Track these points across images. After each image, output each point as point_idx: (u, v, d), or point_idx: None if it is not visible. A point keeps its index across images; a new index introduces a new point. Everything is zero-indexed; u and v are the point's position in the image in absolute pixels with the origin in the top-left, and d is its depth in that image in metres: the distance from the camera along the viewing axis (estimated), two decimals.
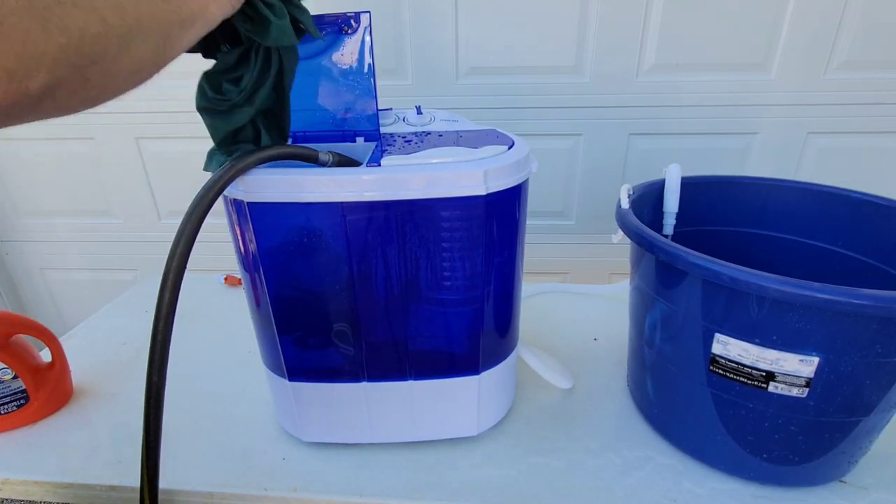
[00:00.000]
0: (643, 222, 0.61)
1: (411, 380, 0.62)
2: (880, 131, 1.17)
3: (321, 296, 0.56)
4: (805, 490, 0.60)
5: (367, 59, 0.57)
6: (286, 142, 0.55)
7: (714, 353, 0.55)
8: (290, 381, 0.62)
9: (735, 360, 0.54)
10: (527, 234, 0.63)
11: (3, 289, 1.56)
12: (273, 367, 0.63)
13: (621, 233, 0.65)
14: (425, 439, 0.67)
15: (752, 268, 0.48)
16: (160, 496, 0.50)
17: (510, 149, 0.56)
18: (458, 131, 0.63)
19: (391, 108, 0.68)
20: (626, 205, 0.66)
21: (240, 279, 1.09)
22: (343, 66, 0.58)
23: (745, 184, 0.78)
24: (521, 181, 0.56)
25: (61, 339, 0.75)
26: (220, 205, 0.52)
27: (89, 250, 1.50)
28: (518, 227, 0.59)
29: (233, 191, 0.51)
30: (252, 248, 0.54)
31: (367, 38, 0.57)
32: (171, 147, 1.34)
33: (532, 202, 0.62)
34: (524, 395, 0.76)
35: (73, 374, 0.78)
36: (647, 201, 0.74)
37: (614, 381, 0.79)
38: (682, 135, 1.21)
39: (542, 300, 1.03)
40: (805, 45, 1.11)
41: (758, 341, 0.52)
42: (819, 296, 0.45)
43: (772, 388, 0.53)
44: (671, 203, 0.74)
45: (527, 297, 1.01)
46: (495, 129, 0.64)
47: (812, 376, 0.51)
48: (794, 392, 0.52)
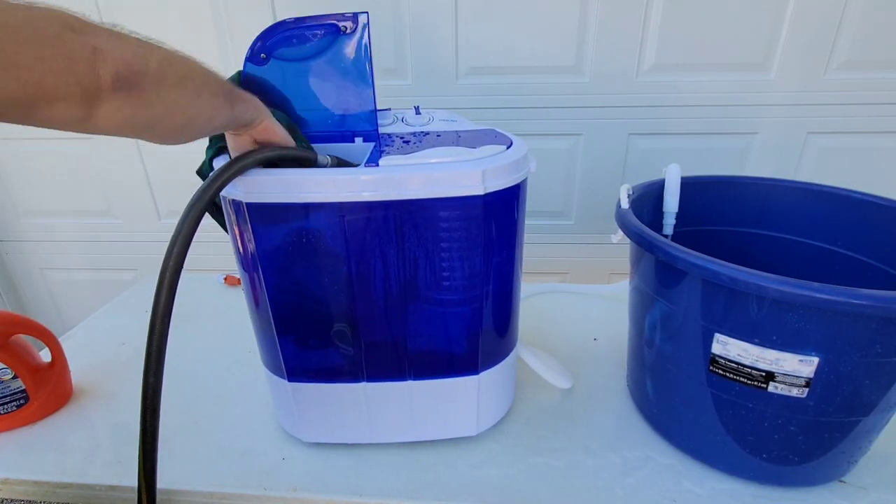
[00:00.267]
0: (643, 222, 0.61)
1: (410, 380, 0.62)
2: (880, 131, 1.17)
3: (320, 296, 0.56)
4: (805, 490, 0.60)
5: (366, 59, 0.57)
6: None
7: (714, 353, 0.55)
8: (290, 381, 0.62)
9: (735, 360, 0.54)
10: (526, 234, 0.63)
11: (3, 289, 1.56)
12: (272, 368, 0.63)
13: (621, 233, 0.65)
14: (425, 439, 0.67)
15: (751, 268, 0.48)
16: (159, 496, 0.50)
17: (508, 148, 0.56)
18: (456, 131, 0.63)
19: (390, 109, 0.68)
20: (625, 205, 0.66)
21: (239, 279, 1.08)
22: (341, 67, 0.58)
23: (745, 184, 0.78)
24: (519, 181, 0.56)
25: (61, 339, 0.75)
26: None
27: (89, 250, 1.50)
28: (517, 226, 0.59)
29: (231, 191, 0.51)
30: (251, 248, 0.54)
31: (366, 37, 0.57)
32: (170, 147, 1.33)
33: (531, 202, 0.62)
34: (524, 395, 0.76)
35: (72, 374, 0.78)
36: (647, 201, 0.74)
37: (614, 381, 0.79)
38: (682, 135, 1.21)
39: (541, 300, 1.03)
40: (805, 45, 1.10)
41: (757, 341, 0.52)
42: (819, 296, 0.45)
43: (771, 388, 0.53)
44: (671, 203, 0.74)
45: (526, 297, 1.01)
46: (494, 129, 0.64)
47: (812, 376, 0.51)
48: (794, 392, 0.52)
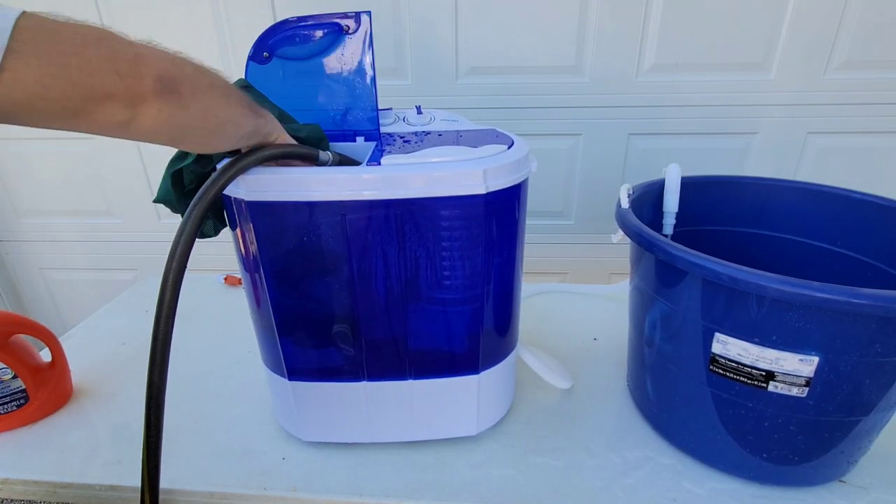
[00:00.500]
0: (643, 222, 0.61)
1: (411, 379, 0.62)
2: (880, 131, 1.17)
3: (321, 294, 0.56)
4: (805, 490, 0.60)
5: (368, 59, 0.57)
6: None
7: (714, 353, 0.55)
8: (290, 380, 0.62)
9: (735, 359, 0.54)
10: (526, 234, 0.63)
11: (3, 289, 1.56)
12: (273, 367, 0.63)
13: (621, 232, 0.65)
14: (425, 439, 0.67)
15: (751, 268, 0.48)
16: (160, 496, 0.50)
17: (510, 148, 0.56)
18: (457, 131, 0.63)
19: (391, 108, 0.68)
20: (625, 205, 0.66)
21: (240, 279, 1.09)
22: (343, 66, 0.58)
23: (745, 184, 0.78)
24: (520, 180, 0.56)
25: (61, 339, 0.75)
26: None
27: (89, 250, 1.49)
28: (518, 226, 0.59)
29: (233, 190, 0.51)
30: (252, 247, 0.54)
31: (368, 38, 0.57)
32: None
33: (532, 202, 0.62)
34: (524, 395, 0.76)
35: (72, 374, 0.78)
36: (647, 201, 0.74)
37: (614, 381, 0.79)
38: (682, 135, 1.21)
39: (541, 300, 1.03)
40: (805, 45, 1.11)
41: (757, 341, 0.52)
42: (818, 295, 0.45)
43: (771, 387, 0.53)
44: (671, 203, 0.74)
45: (527, 297, 1.01)
46: (495, 129, 0.64)
47: (812, 376, 0.51)
48: (794, 392, 0.52)
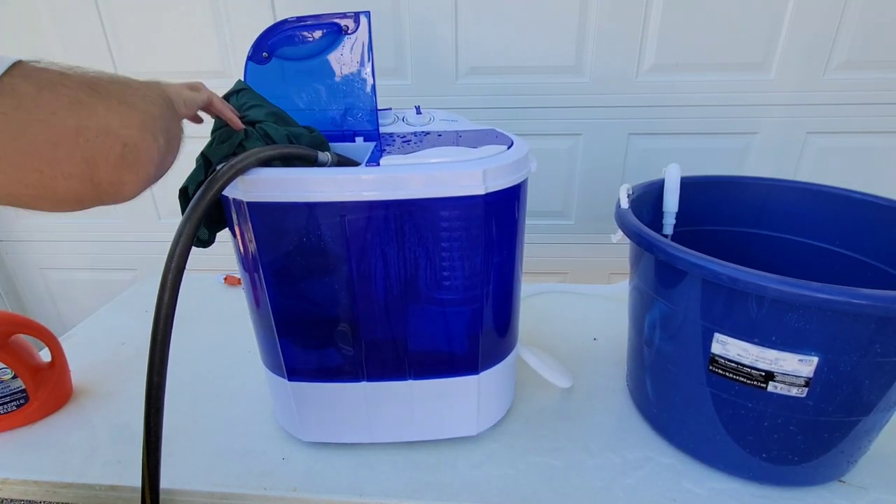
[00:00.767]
0: (643, 222, 0.61)
1: (411, 379, 0.62)
2: (880, 131, 1.17)
3: (320, 296, 0.56)
4: (804, 490, 0.60)
5: (367, 59, 0.57)
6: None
7: (713, 353, 0.55)
8: (290, 380, 0.62)
9: (734, 359, 0.54)
10: (526, 234, 0.63)
11: (2, 289, 1.55)
12: (273, 367, 0.63)
13: (621, 232, 0.65)
14: (425, 439, 0.67)
15: (751, 268, 0.48)
16: (160, 496, 0.50)
17: (509, 148, 0.56)
18: (457, 131, 0.63)
19: (390, 108, 0.68)
20: (625, 205, 0.66)
21: (240, 279, 1.08)
22: (343, 66, 0.58)
23: (745, 184, 0.78)
24: (520, 181, 0.56)
25: (61, 339, 0.75)
26: None
27: (89, 250, 1.49)
28: (517, 226, 0.59)
29: (232, 190, 0.51)
30: (251, 247, 0.54)
31: (367, 38, 0.57)
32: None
33: (531, 202, 0.62)
34: (524, 395, 0.76)
35: (72, 373, 0.78)
36: (647, 201, 0.74)
37: (614, 381, 0.79)
38: (682, 135, 1.21)
39: (541, 300, 1.03)
40: (805, 45, 1.11)
41: (757, 341, 0.52)
42: (818, 296, 0.45)
43: (771, 387, 0.53)
44: (671, 203, 0.74)
45: (526, 297, 1.01)
46: (494, 129, 0.64)
47: (811, 376, 0.51)
48: (794, 392, 0.52)
